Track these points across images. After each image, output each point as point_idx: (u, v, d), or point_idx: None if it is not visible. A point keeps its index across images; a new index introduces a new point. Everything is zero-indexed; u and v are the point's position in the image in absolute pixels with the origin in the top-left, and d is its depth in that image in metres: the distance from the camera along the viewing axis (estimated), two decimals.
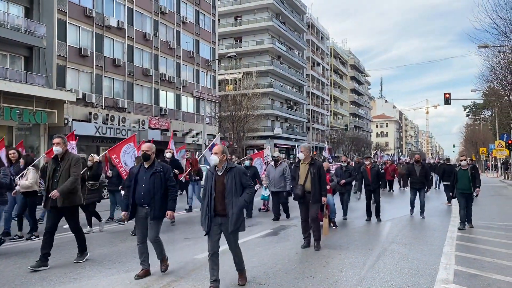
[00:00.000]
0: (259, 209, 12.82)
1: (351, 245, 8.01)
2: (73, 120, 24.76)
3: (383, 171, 20.39)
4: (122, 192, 10.14)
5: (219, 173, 5.17)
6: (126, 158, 10.54)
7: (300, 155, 7.60)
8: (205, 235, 5.13)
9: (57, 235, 8.96)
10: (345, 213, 11.37)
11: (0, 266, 6.38)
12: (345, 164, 11.60)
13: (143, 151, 5.83)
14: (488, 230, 9.55)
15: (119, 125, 28.27)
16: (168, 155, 11.00)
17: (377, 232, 9.43)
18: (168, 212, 5.78)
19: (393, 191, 21.10)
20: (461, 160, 10.17)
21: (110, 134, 26.57)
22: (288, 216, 11.39)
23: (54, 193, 6.08)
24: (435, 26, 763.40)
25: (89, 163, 9.60)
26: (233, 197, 5.04)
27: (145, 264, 5.78)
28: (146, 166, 5.85)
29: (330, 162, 21.83)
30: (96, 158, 9.90)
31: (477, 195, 10.03)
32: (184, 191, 14.34)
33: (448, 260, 6.64)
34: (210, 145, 13.95)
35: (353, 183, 12.37)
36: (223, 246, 5.31)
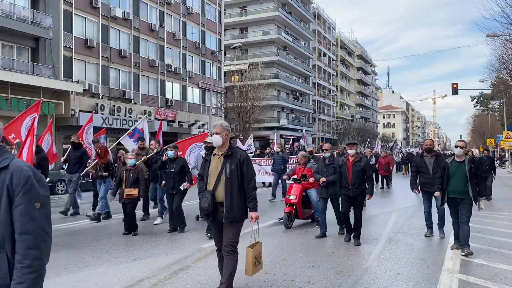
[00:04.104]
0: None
1: None
2: (80, 111, 24.87)
3: (372, 161, 17.63)
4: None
5: None
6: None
7: (216, 139, 4.43)
8: None
9: (64, 224, 9.09)
10: (340, 223, 7.94)
11: None
12: (328, 155, 7.82)
13: None
14: (494, 221, 9.52)
15: (125, 116, 28.36)
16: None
17: (383, 222, 9.42)
18: None
19: (389, 187, 18.45)
20: (456, 147, 6.70)
21: (116, 125, 26.66)
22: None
23: None
24: (444, 16, 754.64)
25: None
26: None
27: None
28: None
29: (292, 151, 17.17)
30: None
31: (485, 201, 6.83)
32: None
33: (454, 250, 6.64)
34: (132, 129, 11.62)
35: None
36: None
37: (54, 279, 5.21)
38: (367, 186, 7.26)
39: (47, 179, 10.91)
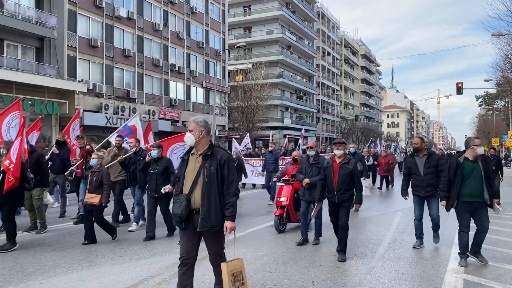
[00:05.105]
0: None
1: (361, 234, 7.99)
2: (84, 110, 24.96)
3: (370, 161, 17.41)
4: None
5: None
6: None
7: (187, 138, 3.94)
8: None
9: (68, 223, 9.12)
10: (317, 233, 7.24)
11: (14, 253, 6.50)
12: (313, 153, 7.19)
13: None
14: (500, 221, 9.46)
15: (129, 115, 28.40)
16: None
17: (387, 222, 9.39)
18: None
19: (388, 188, 17.31)
20: (479, 145, 5.81)
21: (120, 125, 26.70)
22: None
23: None
24: (447, 15, 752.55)
25: None
26: None
27: None
28: None
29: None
30: None
31: (499, 206, 5.89)
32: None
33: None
34: (122, 126, 11.00)
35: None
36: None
37: (58, 278, 5.23)
38: (355, 192, 6.32)
39: (50, 178, 10.79)
